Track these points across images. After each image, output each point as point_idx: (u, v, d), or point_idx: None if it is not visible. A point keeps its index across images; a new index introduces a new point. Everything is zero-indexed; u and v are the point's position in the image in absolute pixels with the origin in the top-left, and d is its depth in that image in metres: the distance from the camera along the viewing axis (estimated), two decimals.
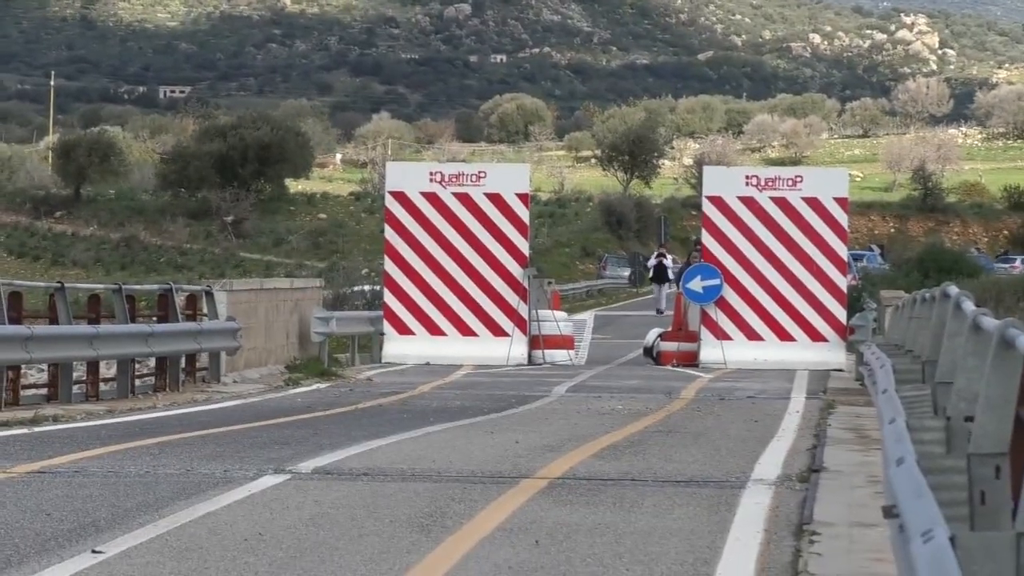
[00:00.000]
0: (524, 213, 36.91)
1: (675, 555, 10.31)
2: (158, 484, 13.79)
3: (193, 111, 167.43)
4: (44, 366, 25.73)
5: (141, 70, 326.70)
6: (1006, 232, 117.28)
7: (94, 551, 10.06)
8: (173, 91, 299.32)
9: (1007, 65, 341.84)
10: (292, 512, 12.93)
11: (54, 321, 25.61)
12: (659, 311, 59.65)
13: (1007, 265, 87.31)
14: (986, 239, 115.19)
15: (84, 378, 26.46)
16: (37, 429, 19.83)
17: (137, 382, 27.65)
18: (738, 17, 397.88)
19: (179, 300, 29.94)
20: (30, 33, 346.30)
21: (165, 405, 24.31)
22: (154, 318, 29.97)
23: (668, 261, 64.07)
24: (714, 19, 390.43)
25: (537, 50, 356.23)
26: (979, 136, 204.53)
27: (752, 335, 35.57)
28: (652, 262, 65.74)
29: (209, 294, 31.47)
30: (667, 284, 60.66)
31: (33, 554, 10.04)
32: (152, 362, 28.92)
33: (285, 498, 13.42)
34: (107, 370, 27.52)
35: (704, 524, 11.88)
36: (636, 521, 12.08)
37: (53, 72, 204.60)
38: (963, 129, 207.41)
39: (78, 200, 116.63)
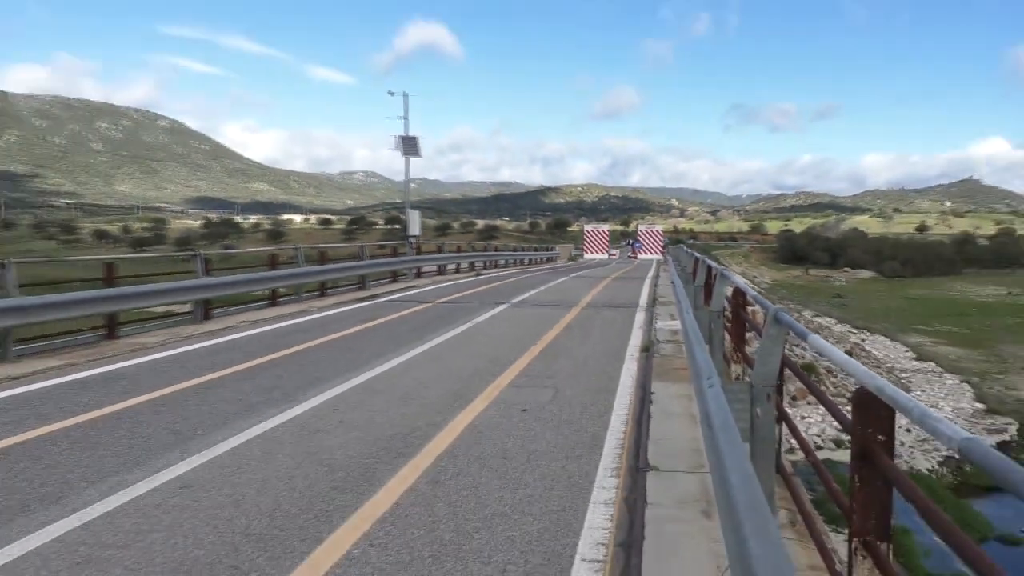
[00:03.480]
0: (606, 234, 41.42)
1: (620, 323, 8.81)
2: (500, 293, 12.35)
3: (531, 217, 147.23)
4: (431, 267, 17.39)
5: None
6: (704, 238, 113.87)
7: (471, 323, 8.37)
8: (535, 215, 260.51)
9: (697, 204, 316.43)
10: (564, 287, 12.37)
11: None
12: (632, 251, 57.05)
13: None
14: (693, 241, 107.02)
15: (454, 269, 18.70)
16: (411, 292, 13.14)
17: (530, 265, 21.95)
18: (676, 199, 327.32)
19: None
20: None
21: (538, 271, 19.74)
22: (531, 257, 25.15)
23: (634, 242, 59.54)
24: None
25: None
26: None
27: (646, 252, 41.00)
28: (631, 241, 66.14)
29: (553, 247, 32.67)
30: (630, 247, 59.33)
31: (442, 325, 8.55)
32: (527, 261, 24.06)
33: (566, 286, 12.50)
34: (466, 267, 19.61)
35: (627, 315, 9.71)
36: (608, 314, 9.93)
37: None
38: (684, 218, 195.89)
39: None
